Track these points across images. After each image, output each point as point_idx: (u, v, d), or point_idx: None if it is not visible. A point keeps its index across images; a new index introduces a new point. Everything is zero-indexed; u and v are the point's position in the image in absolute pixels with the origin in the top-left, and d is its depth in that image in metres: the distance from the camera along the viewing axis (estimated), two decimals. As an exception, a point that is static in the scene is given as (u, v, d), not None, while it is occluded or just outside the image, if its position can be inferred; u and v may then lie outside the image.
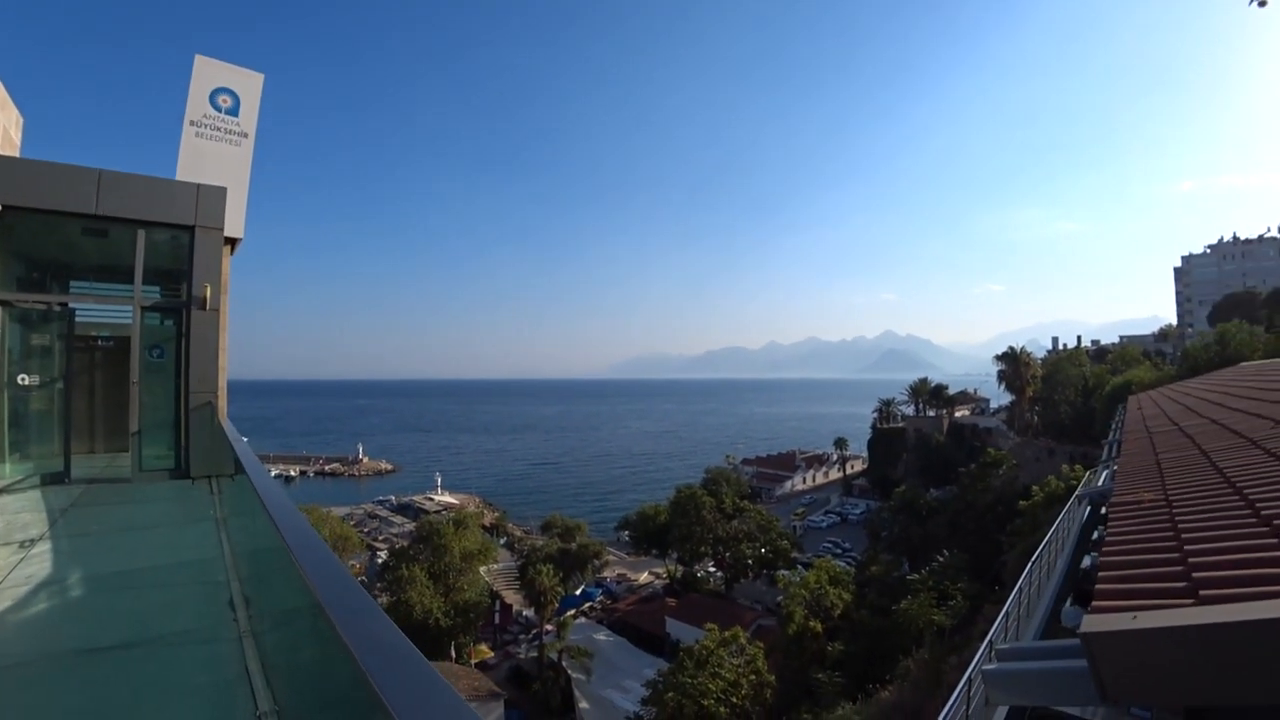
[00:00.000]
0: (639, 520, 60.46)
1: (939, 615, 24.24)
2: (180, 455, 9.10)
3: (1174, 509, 4.82)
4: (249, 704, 3.23)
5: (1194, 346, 46.19)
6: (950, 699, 7.32)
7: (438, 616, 40.06)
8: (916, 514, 50.89)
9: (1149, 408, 16.31)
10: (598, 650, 42.55)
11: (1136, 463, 8.07)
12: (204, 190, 9.16)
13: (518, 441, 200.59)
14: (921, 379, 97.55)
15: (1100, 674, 2.87)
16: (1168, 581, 3.43)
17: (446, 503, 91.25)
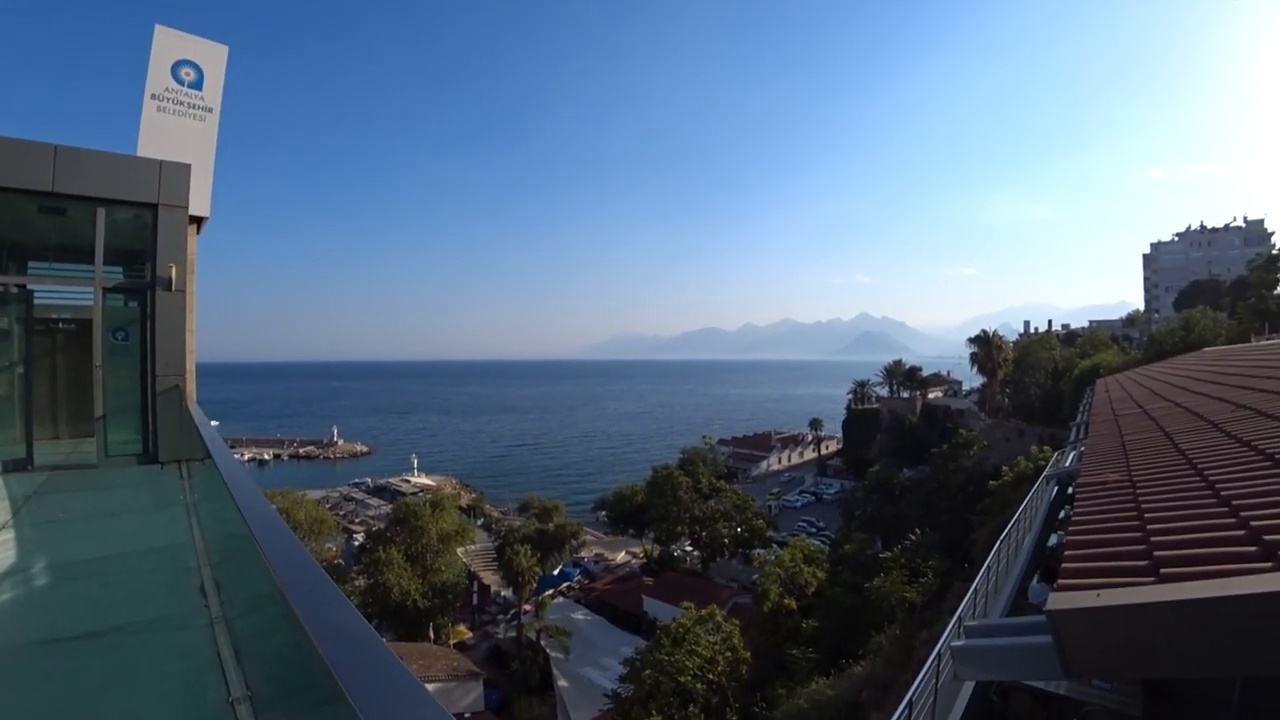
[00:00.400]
0: (616, 500, 60.77)
1: (910, 592, 24.76)
2: (148, 440, 8.91)
3: (1138, 489, 4.94)
4: (221, 690, 3.20)
5: (1160, 332, 47.32)
6: (920, 673, 7.50)
7: (416, 598, 40.04)
8: (889, 493, 51.77)
9: (1116, 391, 16.69)
10: (576, 629, 42.87)
11: (1103, 444, 8.26)
12: (167, 167, 8.88)
13: (494, 423, 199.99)
14: (896, 361, 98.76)
15: (1064, 649, 2.94)
16: (1131, 560, 3.52)
17: (423, 484, 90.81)
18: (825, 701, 14.00)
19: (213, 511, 4.88)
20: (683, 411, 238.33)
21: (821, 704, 13.95)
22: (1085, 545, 4.01)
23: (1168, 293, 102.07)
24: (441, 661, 34.47)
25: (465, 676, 33.97)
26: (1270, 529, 3.23)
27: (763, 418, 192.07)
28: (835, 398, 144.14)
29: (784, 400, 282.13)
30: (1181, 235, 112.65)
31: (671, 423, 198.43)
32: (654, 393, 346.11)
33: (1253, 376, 10.61)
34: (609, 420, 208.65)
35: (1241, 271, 75.25)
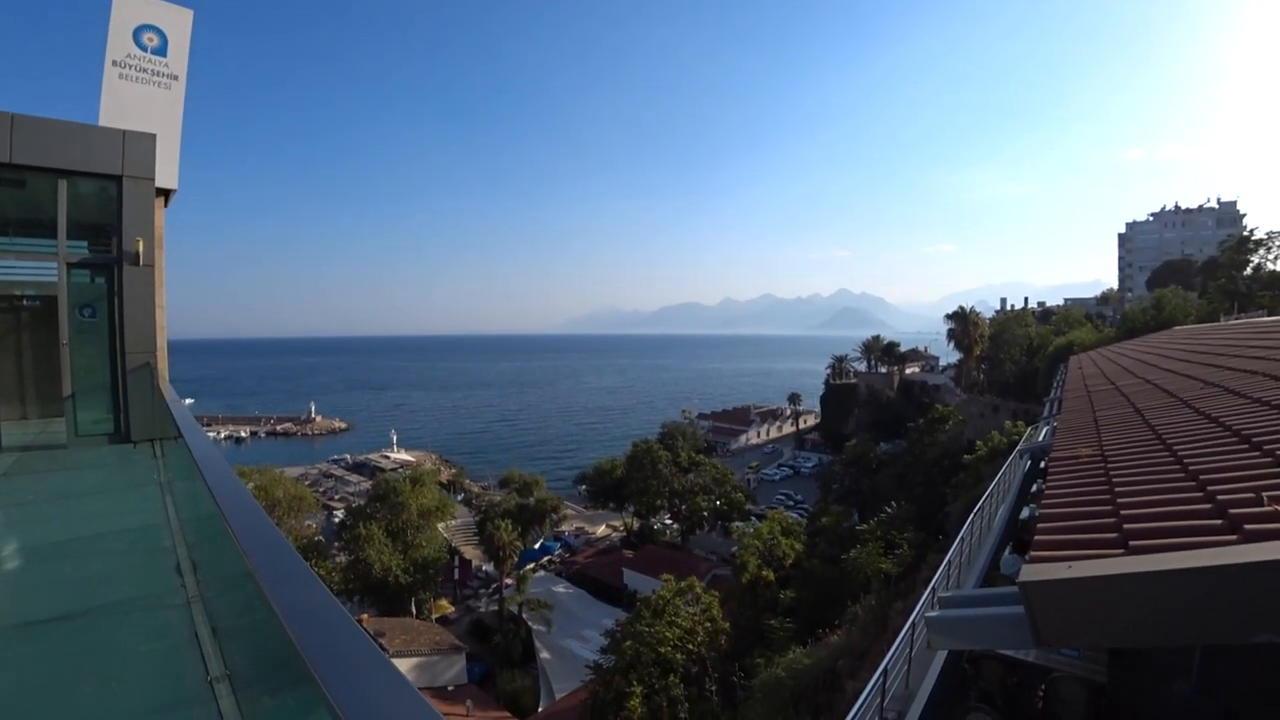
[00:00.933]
0: (596, 474, 61.07)
1: (886, 564, 25.23)
2: (119, 419, 8.72)
3: (1109, 464, 5.05)
4: (199, 669, 3.18)
5: (1132, 310, 48.12)
6: (895, 642, 7.68)
7: (397, 574, 40.11)
8: (866, 467, 52.53)
9: (1089, 368, 16.98)
10: (557, 602, 43.28)
11: (1075, 420, 8.41)
12: (131, 137, 8.57)
13: (473, 398, 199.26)
14: (874, 336, 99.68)
15: (1035, 619, 3.01)
16: (1101, 533, 3.60)
17: (403, 460, 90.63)
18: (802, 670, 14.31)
19: (188, 490, 4.81)
20: (662, 386, 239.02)
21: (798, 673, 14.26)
22: (1057, 518, 4.10)
23: (1141, 272, 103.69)
24: (424, 636, 34.66)
25: (448, 650, 34.21)
26: (1236, 503, 3.31)
27: (742, 392, 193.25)
28: (814, 373, 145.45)
29: (763, 375, 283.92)
30: (1156, 216, 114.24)
31: (651, 397, 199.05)
32: (633, 367, 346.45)
33: (1221, 355, 10.84)
34: (588, 395, 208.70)
35: (1213, 252, 76.64)
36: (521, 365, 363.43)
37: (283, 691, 2.25)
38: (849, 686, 11.32)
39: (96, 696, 3.06)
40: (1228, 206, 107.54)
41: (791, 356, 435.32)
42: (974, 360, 73.62)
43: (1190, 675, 5.76)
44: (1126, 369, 13.37)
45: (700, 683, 26.57)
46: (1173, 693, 6.04)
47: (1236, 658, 4.84)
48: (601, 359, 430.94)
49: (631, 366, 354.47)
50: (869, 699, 6.49)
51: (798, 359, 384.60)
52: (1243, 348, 11.10)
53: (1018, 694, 6.80)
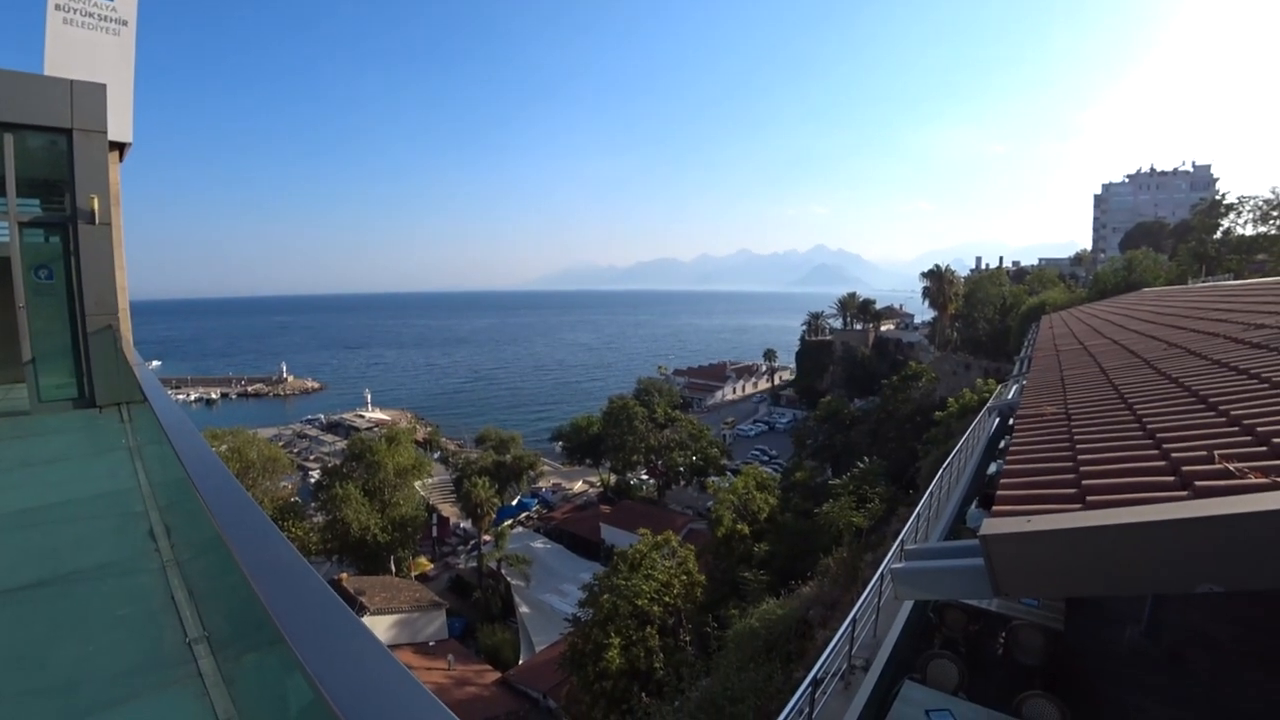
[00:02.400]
0: (573, 431, 61.41)
1: (858, 517, 25.85)
2: (83, 383, 8.52)
3: (1072, 422, 5.20)
4: (178, 632, 3.21)
5: (1104, 271, 48.81)
6: (864, 593, 7.93)
7: (375, 532, 40.28)
8: (840, 423, 53.39)
9: (1059, 327, 17.30)
10: (535, 558, 43.87)
11: (1043, 378, 8.61)
12: (79, 87, 8.16)
13: (448, 355, 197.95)
14: (850, 294, 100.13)
15: (995, 571, 3.14)
16: (1061, 488, 3.74)
17: (378, 419, 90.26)
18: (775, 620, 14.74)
19: (157, 454, 4.76)
20: (638, 342, 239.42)
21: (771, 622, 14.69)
22: (1020, 474, 4.23)
23: (1115, 233, 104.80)
24: (404, 593, 35.03)
25: (428, 607, 34.66)
26: (1188, 460, 3.45)
27: (718, 348, 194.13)
28: (790, 329, 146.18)
29: (739, 331, 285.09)
30: (1132, 178, 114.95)
31: (627, 353, 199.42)
32: (609, 324, 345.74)
33: (1185, 317, 11.11)
34: (564, 351, 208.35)
35: (1186, 215, 77.68)
36: (497, 322, 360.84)
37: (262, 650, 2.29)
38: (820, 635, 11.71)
39: (75, 660, 3.07)
40: (1202, 170, 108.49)
41: (768, 313, 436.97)
42: (948, 318, 74.50)
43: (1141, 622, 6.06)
44: (1095, 329, 13.65)
45: (676, 634, 27.31)
46: (1124, 638, 6.37)
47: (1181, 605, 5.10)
48: (577, 315, 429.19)
49: (607, 323, 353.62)
50: (838, 646, 6.73)
51: (774, 315, 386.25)
52: (1207, 310, 11.38)
53: (979, 641, 7.10)
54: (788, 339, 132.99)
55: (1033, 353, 14.21)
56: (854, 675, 6.92)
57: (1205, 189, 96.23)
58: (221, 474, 2.75)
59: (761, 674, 12.04)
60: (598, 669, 24.73)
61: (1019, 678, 6.11)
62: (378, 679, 1.35)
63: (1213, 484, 3.04)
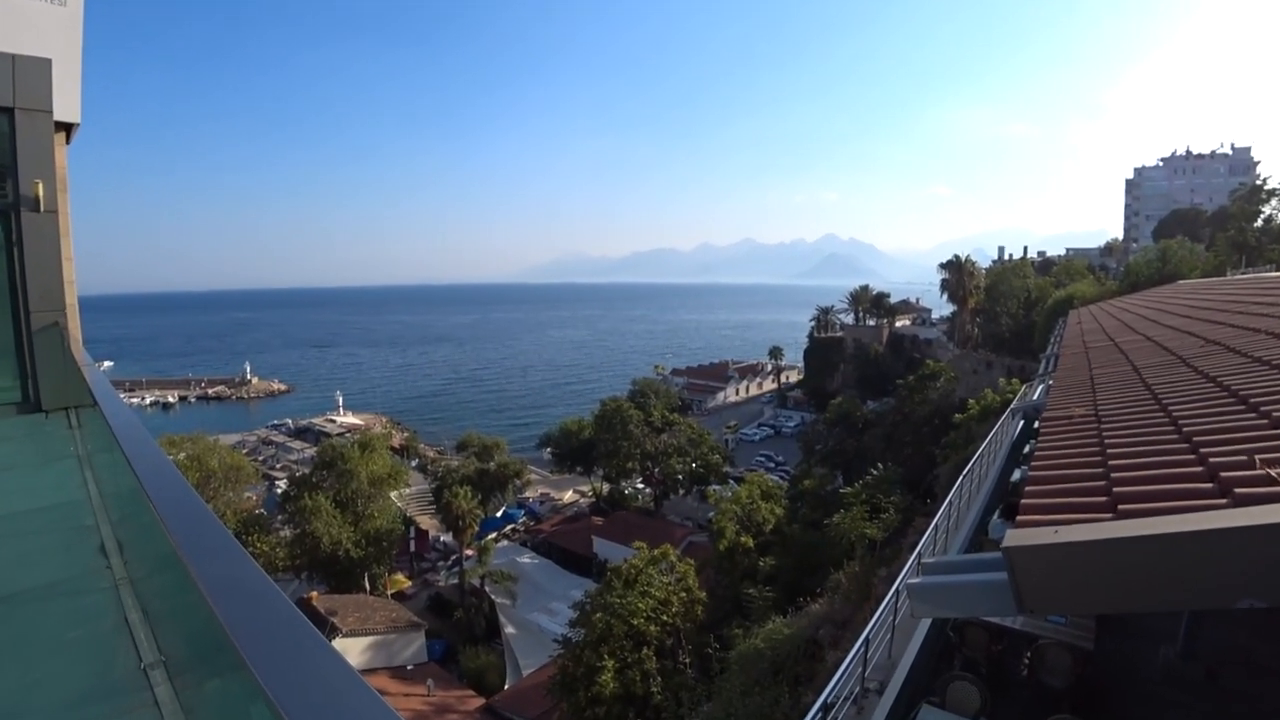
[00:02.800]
0: (562, 436, 61.34)
1: (871, 529, 25.89)
2: (27, 386, 8.44)
3: (1102, 424, 5.21)
4: (131, 656, 3.19)
5: (1136, 262, 49.02)
6: (878, 611, 7.96)
7: (348, 547, 40.18)
8: (852, 426, 53.49)
9: (1088, 323, 17.37)
10: (522, 574, 43.81)
11: (1071, 378, 8.64)
12: (22, 63, 8.05)
13: (426, 355, 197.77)
14: (862, 286, 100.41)
15: (1019, 586, 3.14)
16: (1090, 496, 3.75)
17: (350, 424, 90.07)
18: (782, 640, 14.76)
19: (109, 463, 4.72)
20: (633, 339, 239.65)
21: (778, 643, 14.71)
22: (1046, 481, 4.25)
23: (1148, 221, 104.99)
24: (379, 613, 34.96)
25: (405, 628, 34.59)
26: (1227, 465, 3.46)
27: (719, 346, 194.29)
28: (797, 325, 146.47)
29: (742, 327, 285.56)
30: (1166, 161, 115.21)
31: (621, 352, 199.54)
32: (602, 319, 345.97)
33: (1224, 311, 11.15)
34: (553, 350, 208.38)
35: (1224, 201, 77.98)
36: (479, 318, 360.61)
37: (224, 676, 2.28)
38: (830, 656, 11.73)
39: (20, 689, 3.05)
40: (1241, 152, 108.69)
41: (773, 307, 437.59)
42: (969, 313, 74.70)
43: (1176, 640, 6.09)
44: (1127, 325, 13.70)
45: (675, 655, 27.34)
46: (1158, 657, 6.39)
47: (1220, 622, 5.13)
48: (567, 310, 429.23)
49: (599, 318, 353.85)
50: (850, 668, 6.74)
51: (780, 310, 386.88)
52: (1247, 304, 11.43)
53: (1003, 661, 7.13)
54: (795, 336, 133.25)
55: (1060, 350, 14.26)
56: (868, 699, 6.94)
57: (1245, 173, 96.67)
58: (178, 484, 2.73)
59: (768, 699, 12.07)
60: (590, 694, 24.72)
61: (1045, 701, 6.14)
62: (349, 708, 1.34)
63: (1253, 491, 3.05)
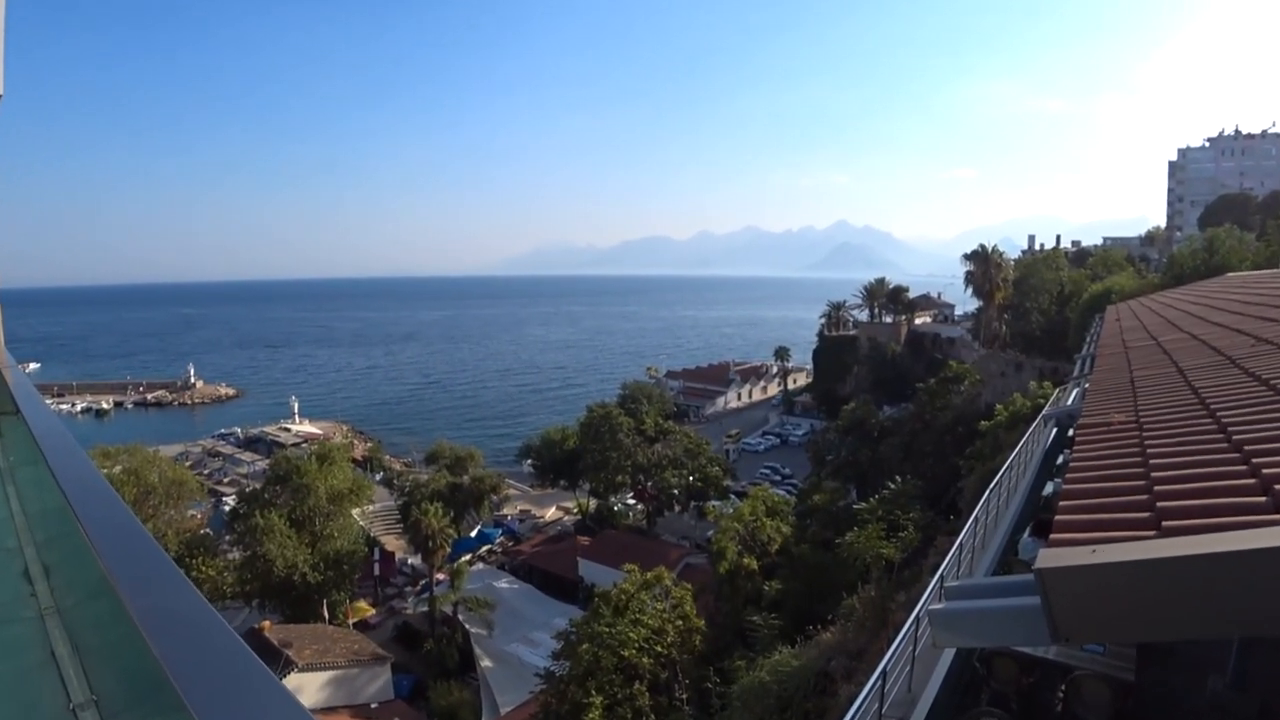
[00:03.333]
0: (544, 446, 61.29)
1: (888, 548, 25.95)
2: (-60, 390, 8.41)
3: (1144, 432, 5.23)
4: (59, 695, 3.15)
5: (1181, 252, 49.29)
6: (896, 640, 7.97)
7: (304, 571, 40.01)
8: (867, 435, 53.60)
9: (1128, 320, 17.47)
10: (500, 600, 43.71)
11: (1109, 380, 8.68)
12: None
13: (392, 355, 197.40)
14: (878, 279, 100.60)
15: (1053, 611, 3.13)
16: (1131, 511, 3.76)
17: (307, 433, 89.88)
18: (789, 672, 14.81)
19: (34, 478, 4.67)
20: (623, 338, 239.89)
21: (785, 676, 14.76)
22: (1082, 495, 4.26)
23: (1194, 207, 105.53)
24: (340, 645, 34.82)
25: (369, 661, 34.46)
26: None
27: (719, 346, 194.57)
28: (806, 322, 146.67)
29: (744, 325, 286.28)
30: (1213, 141, 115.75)
31: (609, 352, 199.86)
32: (588, 316, 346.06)
33: (1277, 307, 11.21)
34: (533, 350, 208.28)
35: (1277, 185, 78.61)
36: (451, 314, 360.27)
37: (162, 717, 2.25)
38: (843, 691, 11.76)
39: (-69, 730, 3.02)
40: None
41: (778, 302, 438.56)
42: (996, 309, 74.97)
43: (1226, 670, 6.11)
44: (1170, 321, 13.77)
45: (670, 690, 27.33)
46: (1206, 689, 6.42)
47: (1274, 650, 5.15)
48: (549, 305, 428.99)
49: (585, 315, 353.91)
50: (866, 704, 6.75)
51: (786, 305, 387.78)
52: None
53: (1035, 695, 7.14)
54: (803, 334, 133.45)
55: (1096, 350, 14.34)
56: (885, 738, 6.95)
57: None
58: (112, 502, 2.71)
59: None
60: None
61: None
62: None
63: (1312, 505, 3.06)
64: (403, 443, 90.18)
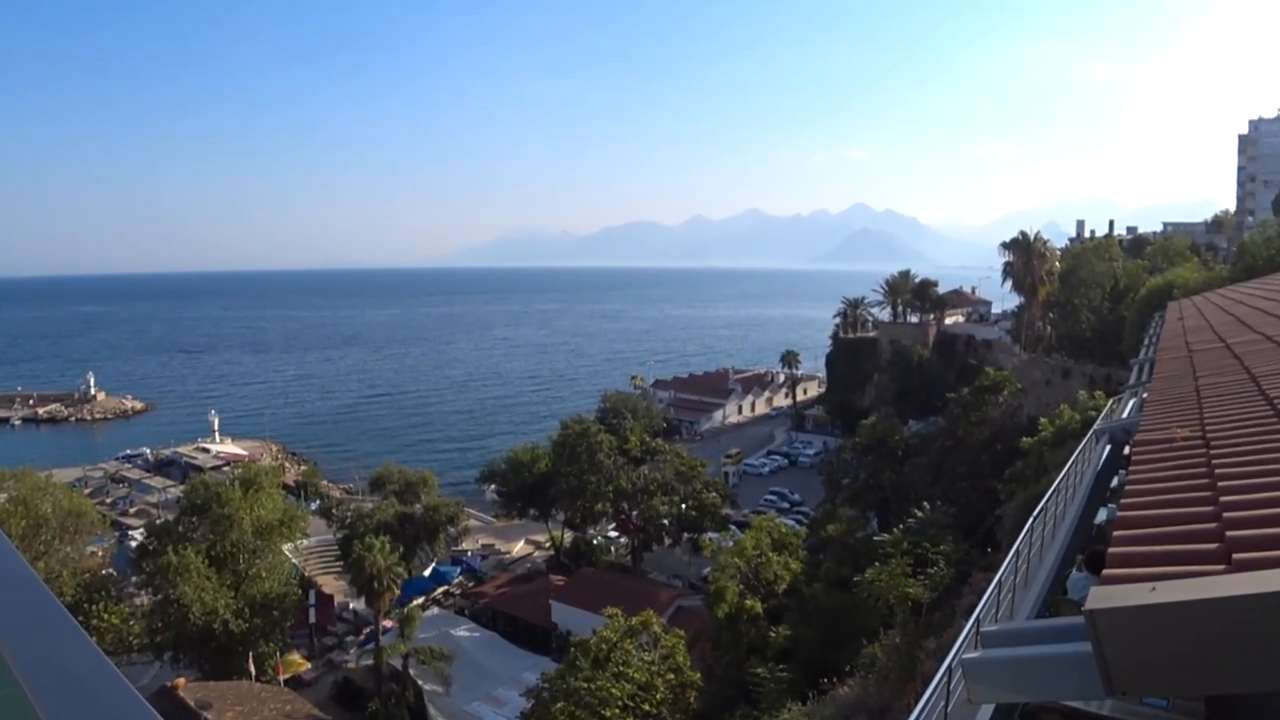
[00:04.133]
0: (510, 469, 61.10)
1: (915, 587, 26.04)
2: None
3: (1211, 450, 5.27)
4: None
5: (1253, 240, 49.77)
6: (925, 694, 7.97)
7: (226, 618, 39.68)
8: (889, 455, 53.77)
9: (1192, 318, 17.61)
10: (459, 651, 43.46)
11: (1171, 390, 8.75)
12: None
13: (333, 362, 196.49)
14: (902, 272, 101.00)
15: (1107, 660, 3.14)
16: (1198, 542, 3.78)
17: (229, 454, 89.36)
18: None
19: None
20: (604, 342, 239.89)
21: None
22: (1141, 523, 4.28)
23: (1267, 188, 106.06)
24: (268, 705, 34.54)
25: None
26: (1372, 501, 3.51)
27: (716, 350, 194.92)
28: (817, 322, 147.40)
29: (746, 325, 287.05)
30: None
31: (588, 358, 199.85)
32: (563, 315, 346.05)
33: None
34: (499, 355, 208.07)
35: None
36: (402, 313, 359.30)
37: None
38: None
39: None
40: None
41: (786, 299, 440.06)
42: (1039, 306, 75.44)
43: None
44: (1242, 320, 13.89)
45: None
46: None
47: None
48: (517, 303, 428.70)
49: (560, 314, 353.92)
50: (889, 772, 6.76)
51: (795, 303, 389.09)
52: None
53: (1086, 758, 7.16)
54: (815, 336, 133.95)
55: (1156, 354, 14.45)
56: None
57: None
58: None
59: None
60: (548, 808, 24.64)
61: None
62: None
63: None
64: (343, 466, 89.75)
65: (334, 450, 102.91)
